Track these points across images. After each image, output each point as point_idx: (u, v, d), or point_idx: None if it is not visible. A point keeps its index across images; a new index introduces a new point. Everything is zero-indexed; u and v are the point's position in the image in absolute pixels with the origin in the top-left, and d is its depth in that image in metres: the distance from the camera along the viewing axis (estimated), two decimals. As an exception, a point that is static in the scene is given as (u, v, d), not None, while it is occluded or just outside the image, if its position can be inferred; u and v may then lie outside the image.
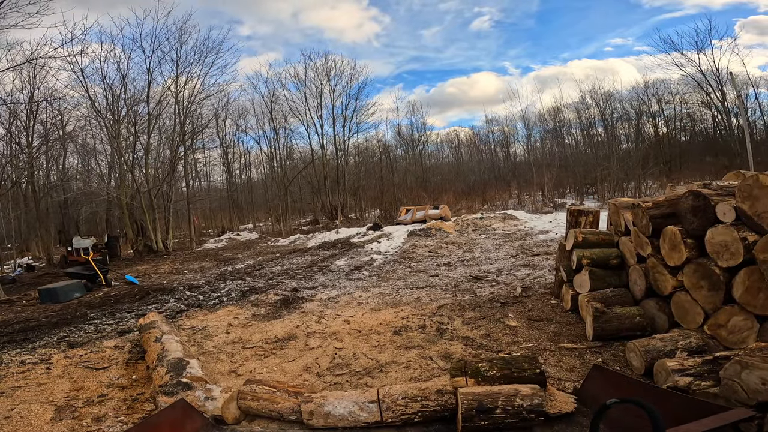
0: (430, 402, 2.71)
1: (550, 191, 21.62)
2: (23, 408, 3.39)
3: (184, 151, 20.36)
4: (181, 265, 12.61)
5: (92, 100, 17.44)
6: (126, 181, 18.22)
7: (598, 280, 4.34)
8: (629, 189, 20.24)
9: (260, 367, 4.08)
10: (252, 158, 31.26)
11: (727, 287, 3.11)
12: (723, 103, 23.75)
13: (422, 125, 32.21)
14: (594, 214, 5.63)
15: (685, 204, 3.44)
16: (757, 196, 2.92)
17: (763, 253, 2.81)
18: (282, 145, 27.27)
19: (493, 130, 33.39)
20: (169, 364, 3.61)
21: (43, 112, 17.43)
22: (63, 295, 8.04)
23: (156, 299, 7.47)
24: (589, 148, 28.72)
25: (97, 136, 21.06)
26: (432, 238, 12.22)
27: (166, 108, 19.50)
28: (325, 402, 2.77)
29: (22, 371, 4.25)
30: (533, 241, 10.45)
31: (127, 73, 17.91)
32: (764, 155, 19.41)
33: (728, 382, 2.05)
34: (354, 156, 29.09)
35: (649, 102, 26.92)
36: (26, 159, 16.16)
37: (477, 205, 21.55)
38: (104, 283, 9.21)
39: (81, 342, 5.15)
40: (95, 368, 4.24)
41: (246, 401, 2.92)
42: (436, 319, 4.98)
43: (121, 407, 3.39)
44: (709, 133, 26.25)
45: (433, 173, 31.87)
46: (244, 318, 5.75)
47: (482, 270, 7.64)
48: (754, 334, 2.93)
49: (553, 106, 30.06)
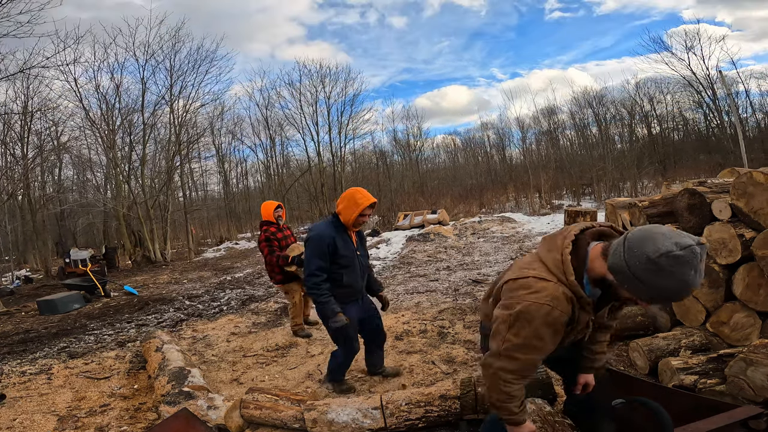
0: (434, 407, 2.70)
1: (547, 193, 21.68)
2: (25, 418, 3.37)
3: (180, 160, 20.31)
4: (179, 275, 12.56)
5: (86, 110, 17.43)
6: (122, 191, 18.16)
7: (599, 281, 4.34)
8: (625, 189, 20.31)
9: (262, 375, 4.06)
10: (249, 167, 31.29)
11: (727, 284, 3.13)
12: (714, 101, 23.94)
13: (418, 130, 32.29)
14: (591, 215, 5.64)
15: (681, 202, 3.45)
16: (752, 193, 2.94)
17: (761, 250, 2.83)
18: (278, 153, 27.33)
19: (488, 135, 33.56)
20: (170, 374, 3.59)
21: (37, 123, 17.37)
22: (62, 306, 7.99)
23: (155, 309, 7.43)
24: (584, 149, 28.88)
25: (92, 146, 21.01)
26: (431, 243, 12.22)
27: (161, 117, 19.51)
28: (328, 409, 2.75)
29: (23, 381, 4.22)
30: (532, 243, 10.47)
31: (120, 82, 17.92)
32: (757, 152, 19.56)
33: (734, 380, 2.05)
34: (351, 163, 29.14)
35: (641, 101, 27.15)
36: (21, 170, 16.09)
37: (475, 208, 21.56)
38: (103, 294, 9.15)
39: (81, 352, 5.12)
40: (96, 378, 4.21)
41: (249, 410, 2.90)
42: (437, 323, 4.97)
43: (123, 417, 3.37)
44: (701, 132, 26.43)
45: (430, 178, 31.90)
46: (244, 326, 5.73)
47: (482, 273, 7.64)
48: (757, 330, 2.94)
49: (547, 107, 30.25)
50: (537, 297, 1.49)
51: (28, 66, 12.47)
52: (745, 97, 23.75)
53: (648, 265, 1.25)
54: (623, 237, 1.37)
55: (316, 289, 3.11)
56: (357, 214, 3.12)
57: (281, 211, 4.95)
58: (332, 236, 3.12)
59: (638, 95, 27.08)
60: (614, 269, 1.37)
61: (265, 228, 4.80)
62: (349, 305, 3.27)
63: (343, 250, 3.16)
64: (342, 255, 3.16)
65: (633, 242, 1.31)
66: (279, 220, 4.88)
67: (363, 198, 3.15)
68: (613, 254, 1.37)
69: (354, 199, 3.15)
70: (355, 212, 3.12)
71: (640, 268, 1.27)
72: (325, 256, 3.11)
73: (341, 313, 3.11)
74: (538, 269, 1.54)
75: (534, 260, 1.62)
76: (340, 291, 3.20)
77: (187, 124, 19.87)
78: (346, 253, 3.18)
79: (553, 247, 1.56)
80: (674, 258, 1.22)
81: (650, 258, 1.24)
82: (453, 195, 24.68)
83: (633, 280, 1.31)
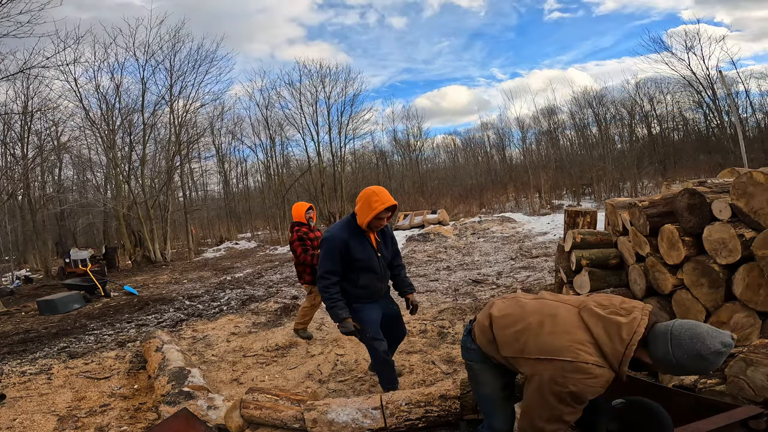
0: (434, 407, 2.70)
1: (547, 193, 21.68)
2: (25, 418, 3.37)
3: (180, 160, 20.33)
4: (179, 275, 12.56)
5: (86, 110, 17.43)
6: (122, 191, 18.18)
7: (598, 281, 4.34)
8: (625, 189, 20.32)
9: (262, 375, 4.06)
10: (249, 167, 31.30)
11: (728, 284, 3.12)
12: (714, 101, 23.94)
13: (418, 130, 32.30)
14: (591, 215, 5.65)
15: (681, 202, 3.45)
16: (752, 193, 2.94)
17: (761, 250, 2.82)
18: (278, 153, 27.32)
19: (488, 135, 33.57)
20: (170, 374, 3.59)
21: (37, 123, 17.40)
22: (62, 306, 7.99)
23: (155, 309, 7.43)
24: (584, 149, 28.89)
25: (92, 146, 21.03)
26: (431, 243, 12.22)
27: (161, 117, 19.52)
28: (328, 409, 2.75)
29: (23, 381, 4.22)
30: (532, 243, 10.47)
31: (120, 82, 17.93)
32: (757, 152, 19.55)
33: (734, 380, 2.05)
34: (351, 163, 29.12)
35: (641, 101, 27.16)
36: (21, 170, 16.09)
37: (475, 208, 21.56)
38: (103, 294, 9.15)
39: (81, 352, 5.12)
40: (96, 378, 4.22)
41: (249, 410, 2.90)
42: (437, 323, 4.97)
43: (123, 417, 3.37)
44: (701, 132, 26.44)
45: (430, 178, 31.91)
46: (244, 326, 5.73)
47: (482, 273, 7.64)
48: (757, 330, 2.94)
49: (547, 107, 30.26)
50: (594, 382, 1.62)
51: (28, 66, 12.48)
52: (745, 97, 23.79)
53: (697, 359, 1.51)
54: (668, 332, 1.57)
55: (324, 293, 3.05)
56: (371, 218, 2.93)
57: (312, 212, 4.93)
58: (344, 239, 2.99)
59: (638, 95, 27.13)
60: (658, 360, 1.59)
61: (297, 228, 4.77)
62: (367, 305, 3.17)
63: (357, 253, 3.02)
64: (357, 258, 3.02)
65: (681, 339, 1.54)
66: (310, 222, 4.87)
67: (378, 201, 2.92)
68: (657, 347, 1.59)
69: (369, 202, 2.94)
70: (369, 216, 2.93)
71: (687, 360, 1.52)
72: (335, 259, 2.99)
73: (349, 319, 3.03)
74: (595, 356, 1.63)
75: (587, 339, 1.67)
76: (356, 291, 3.11)
77: (187, 124, 19.90)
78: (361, 255, 3.03)
79: (615, 336, 1.62)
80: (720, 354, 1.50)
81: (702, 355, 1.50)
82: (453, 195, 24.70)
83: (675, 367, 1.56)
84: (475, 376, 2.14)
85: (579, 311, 1.77)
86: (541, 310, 1.85)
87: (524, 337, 1.80)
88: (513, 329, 1.86)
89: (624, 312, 1.68)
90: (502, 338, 1.89)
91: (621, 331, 1.62)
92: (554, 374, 1.66)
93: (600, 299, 1.81)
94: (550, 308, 1.85)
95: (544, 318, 1.80)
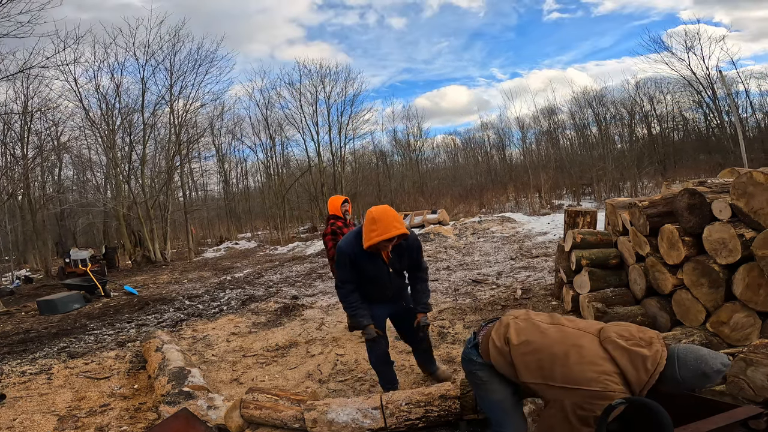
0: (434, 407, 2.70)
1: (547, 193, 21.67)
2: (26, 418, 3.37)
3: (180, 160, 20.32)
4: (180, 275, 12.56)
5: (86, 110, 17.43)
6: (122, 191, 18.18)
7: (598, 281, 4.34)
8: (625, 189, 20.29)
9: (262, 375, 4.06)
10: (249, 167, 31.28)
11: (727, 284, 3.12)
12: (714, 101, 23.92)
13: (418, 130, 32.27)
14: (591, 215, 5.65)
15: (681, 202, 3.45)
16: (752, 193, 2.94)
17: (761, 250, 2.82)
18: (278, 153, 27.30)
19: (488, 135, 33.54)
20: (170, 374, 3.59)
21: (37, 123, 17.39)
22: (62, 306, 8.00)
23: (155, 309, 7.43)
24: (584, 149, 28.86)
25: (92, 146, 21.03)
26: (431, 243, 12.22)
27: (161, 117, 19.52)
28: (328, 409, 2.76)
29: (23, 381, 4.22)
30: (532, 243, 10.47)
31: (120, 82, 17.93)
32: (757, 152, 19.53)
33: (734, 380, 2.05)
34: (351, 163, 29.09)
35: (641, 101, 27.14)
36: (21, 171, 16.09)
37: (475, 208, 21.54)
38: (103, 294, 9.16)
39: (81, 352, 5.12)
40: (96, 378, 4.22)
41: (249, 410, 2.90)
42: (438, 323, 4.97)
43: (123, 417, 3.37)
44: (701, 132, 26.41)
45: (430, 178, 31.88)
46: (244, 326, 5.73)
47: (482, 273, 7.64)
48: (757, 330, 2.94)
49: (547, 107, 30.24)
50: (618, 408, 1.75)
51: (28, 66, 12.47)
52: (745, 97, 23.73)
53: (701, 377, 1.72)
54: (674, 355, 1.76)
55: (343, 300, 3.09)
56: (372, 244, 2.78)
57: (348, 205, 4.84)
58: (350, 253, 2.92)
59: (638, 95, 27.06)
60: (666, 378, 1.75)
61: (332, 222, 4.70)
62: (377, 305, 3.15)
63: (366, 268, 2.97)
64: (365, 271, 2.98)
65: (687, 361, 1.74)
66: (346, 215, 4.80)
67: (375, 232, 2.75)
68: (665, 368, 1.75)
69: (369, 228, 2.78)
70: (370, 242, 2.78)
71: (692, 378, 1.73)
72: (347, 269, 2.97)
73: (372, 326, 3.03)
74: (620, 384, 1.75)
75: (614, 371, 1.77)
76: (366, 293, 3.09)
77: (187, 124, 19.89)
78: (369, 269, 2.98)
79: (641, 368, 1.75)
80: (720, 372, 1.72)
81: (705, 373, 1.71)
82: (453, 195, 24.66)
83: (680, 384, 1.75)
84: (483, 384, 2.15)
85: (601, 342, 1.85)
86: (563, 340, 1.91)
87: (549, 365, 1.86)
88: (536, 357, 1.91)
89: (644, 343, 1.79)
90: (523, 365, 1.93)
91: (646, 363, 1.75)
92: (580, 401, 1.77)
93: (619, 330, 1.88)
94: (573, 338, 1.91)
95: (569, 348, 1.87)
